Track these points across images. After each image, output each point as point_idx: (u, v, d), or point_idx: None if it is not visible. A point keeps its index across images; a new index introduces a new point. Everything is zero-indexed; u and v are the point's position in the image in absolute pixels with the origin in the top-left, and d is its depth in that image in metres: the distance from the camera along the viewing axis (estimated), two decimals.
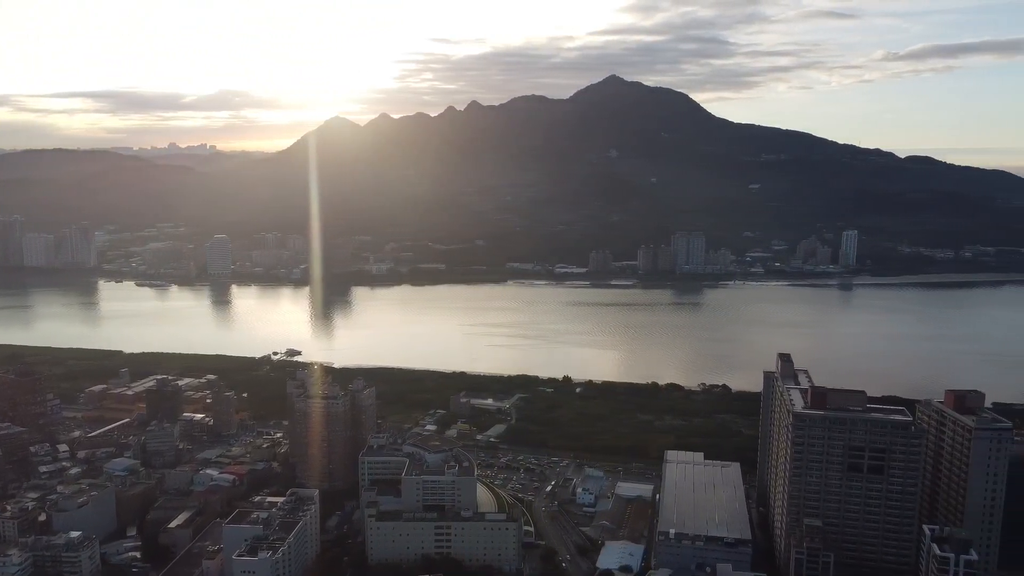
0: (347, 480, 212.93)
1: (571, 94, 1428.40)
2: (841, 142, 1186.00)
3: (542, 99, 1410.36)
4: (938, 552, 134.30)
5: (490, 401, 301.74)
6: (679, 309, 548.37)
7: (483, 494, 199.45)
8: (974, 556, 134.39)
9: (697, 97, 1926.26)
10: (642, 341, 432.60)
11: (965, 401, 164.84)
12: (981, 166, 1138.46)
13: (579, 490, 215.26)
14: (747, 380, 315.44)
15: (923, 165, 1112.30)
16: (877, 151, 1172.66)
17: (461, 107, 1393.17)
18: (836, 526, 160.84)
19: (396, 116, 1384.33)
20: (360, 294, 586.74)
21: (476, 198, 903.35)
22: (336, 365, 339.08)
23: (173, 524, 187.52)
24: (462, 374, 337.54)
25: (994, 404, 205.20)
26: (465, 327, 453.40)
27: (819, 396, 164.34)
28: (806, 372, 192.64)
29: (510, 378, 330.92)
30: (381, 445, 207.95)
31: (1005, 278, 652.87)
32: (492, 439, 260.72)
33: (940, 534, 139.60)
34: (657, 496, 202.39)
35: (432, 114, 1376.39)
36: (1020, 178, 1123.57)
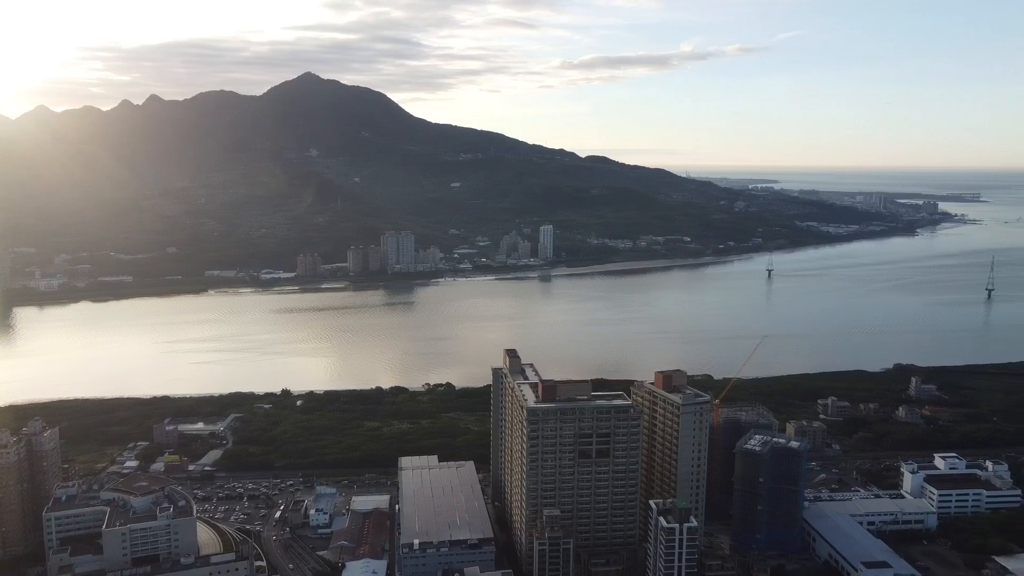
0: (28, 543, 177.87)
1: (265, 91, 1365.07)
2: (531, 143, 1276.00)
3: (232, 95, 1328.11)
4: (665, 524, 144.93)
5: (201, 425, 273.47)
6: (394, 309, 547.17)
7: (204, 533, 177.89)
8: (694, 523, 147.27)
9: (394, 97, 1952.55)
10: (360, 345, 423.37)
11: (672, 380, 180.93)
12: (647, 165, 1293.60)
13: (312, 511, 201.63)
14: (470, 376, 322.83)
15: (601, 164, 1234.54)
16: (562, 151, 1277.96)
17: (139, 101, 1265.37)
18: (571, 512, 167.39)
19: (58, 110, 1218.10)
20: (26, 316, 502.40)
21: (164, 201, 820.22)
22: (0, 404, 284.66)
23: None
24: (164, 398, 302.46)
25: (688, 379, 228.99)
26: (162, 345, 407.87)
27: (549, 389, 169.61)
28: (532, 366, 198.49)
29: (222, 397, 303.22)
30: (71, 496, 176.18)
31: (672, 264, 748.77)
32: (207, 468, 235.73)
33: (664, 507, 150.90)
34: (396, 506, 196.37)
35: (104, 108, 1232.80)
36: (678, 176, 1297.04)
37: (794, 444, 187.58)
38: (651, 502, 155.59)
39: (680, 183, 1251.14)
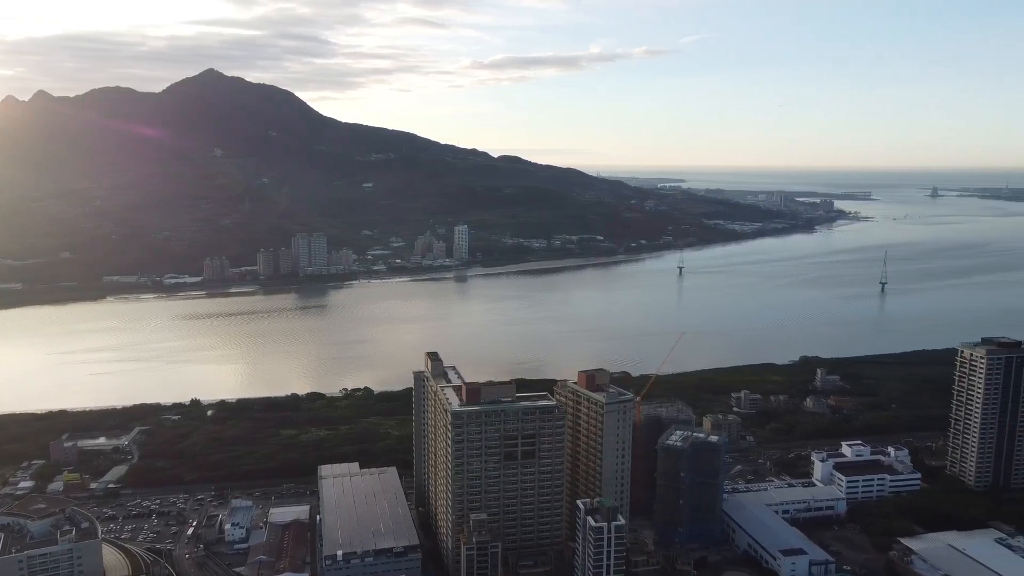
0: None
1: (164, 88, 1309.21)
2: (443, 142, 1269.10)
3: (129, 92, 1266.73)
4: (593, 523, 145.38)
5: (103, 440, 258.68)
6: (307, 313, 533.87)
7: (111, 556, 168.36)
8: (622, 521, 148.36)
9: (303, 96, 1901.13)
10: (273, 350, 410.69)
11: (595, 380, 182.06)
12: (559, 164, 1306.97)
13: (227, 526, 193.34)
14: (389, 379, 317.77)
15: (513, 164, 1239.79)
16: (474, 151, 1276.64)
17: (24, 97, 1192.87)
18: (498, 515, 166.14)
19: None
20: None
21: (57, 203, 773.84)
22: None
23: None
24: (61, 412, 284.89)
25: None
26: (57, 355, 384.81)
27: (473, 392, 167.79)
28: (454, 368, 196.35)
29: (125, 409, 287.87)
30: None
31: (586, 262, 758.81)
32: (112, 485, 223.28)
33: (592, 506, 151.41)
34: (317, 516, 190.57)
35: None
36: (589, 175, 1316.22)
37: (713, 439, 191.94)
38: (579, 502, 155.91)
39: (592, 182, 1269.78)
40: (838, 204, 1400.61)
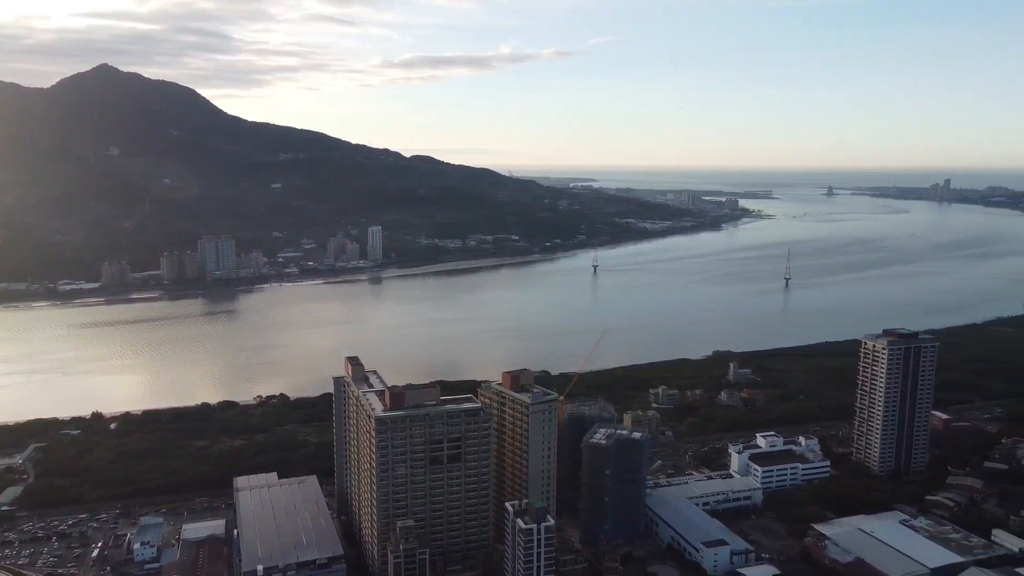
0: None
1: (53, 83, 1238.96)
2: (354, 142, 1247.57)
3: (13, 87, 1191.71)
4: (523, 525, 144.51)
5: None
6: (215, 319, 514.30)
7: None
8: (551, 522, 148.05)
9: (205, 93, 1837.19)
10: (180, 359, 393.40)
11: (519, 380, 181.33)
12: (472, 164, 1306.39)
13: (136, 545, 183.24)
14: (305, 385, 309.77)
15: (426, 164, 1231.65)
16: (386, 151, 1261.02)
17: None
18: (424, 521, 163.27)
19: None
20: None
21: None
22: None
23: None
24: None
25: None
26: None
27: (397, 396, 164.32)
28: (376, 372, 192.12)
29: (19, 426, 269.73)
30: None
31: (501, 262, 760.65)
32: (6, 507, 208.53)
33: (521, 508, 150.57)
34: (234, 531, 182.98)
35: None
36: (502, 175, 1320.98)
37: (636, 435, 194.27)
38: (507, 504, 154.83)
39: (505, 182, 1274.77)
40: (742, 203, 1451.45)
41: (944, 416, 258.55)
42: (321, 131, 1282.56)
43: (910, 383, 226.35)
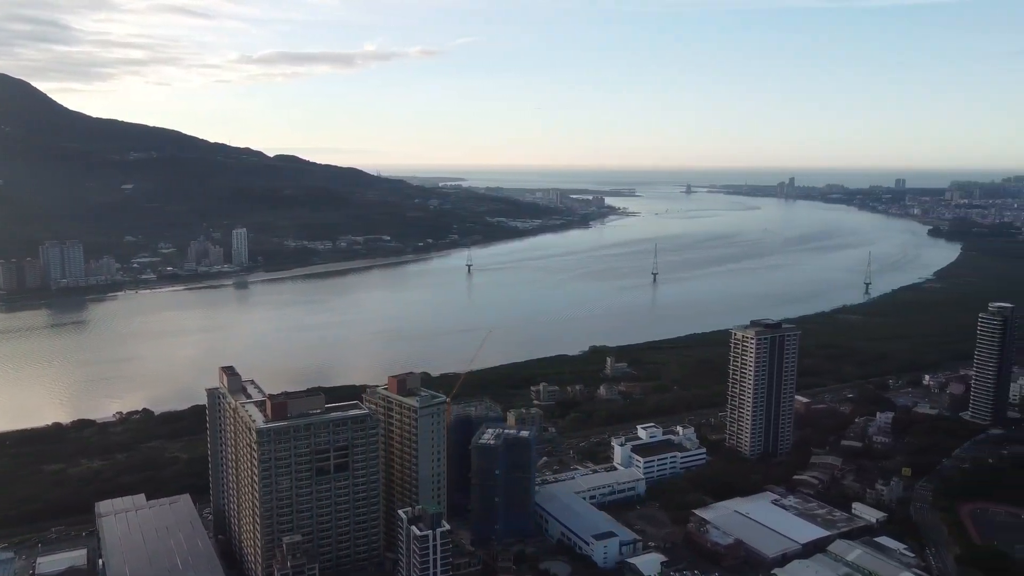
0: None
1: None
2: (212, 140, 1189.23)
3: None
4: (418, 532, 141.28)
5: None
6: (62, 331, 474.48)
7: None
8: (447, 527, 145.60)
9: (40, 86, 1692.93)
10: (25, 376, 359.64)
11: (406, 384, 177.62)
12: (339, 164, 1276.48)
13: None
14: (170, 399, 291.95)
15: (291, 163, 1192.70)
16: (247, 150, 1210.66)
17: None
18: (312, 535, 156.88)
19: None
20: None
21: None
22: None
23: None
24: None
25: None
26: None
27: (279, 407, 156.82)
28: (253, 382, 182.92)
29: None
30: None
31: (373, 263, 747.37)
32: None
33: (414, 515, 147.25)
34: (99, 560, 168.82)
35: None
36: (371, 175, 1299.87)
37: (524, 433, 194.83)
38: (400, 512, 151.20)
39: (374, 182, 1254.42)
40: (608, 201, 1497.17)
41: (805, 400, 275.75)
42: (175, 129, 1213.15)
43: (776, 370, 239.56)
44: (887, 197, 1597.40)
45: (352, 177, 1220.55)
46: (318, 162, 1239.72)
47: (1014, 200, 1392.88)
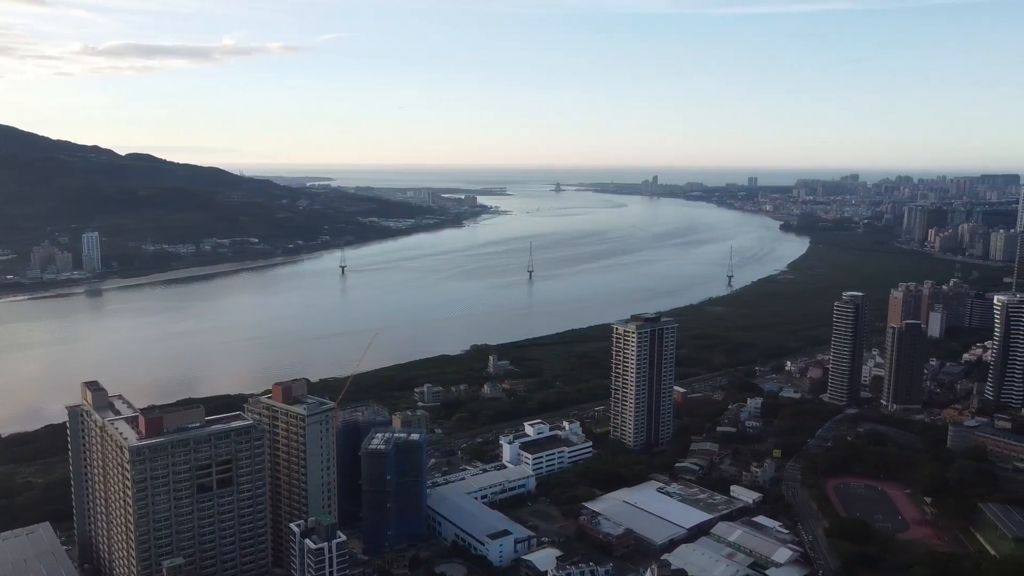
0: None
1: None
2: (54, 138, 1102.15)
3: None
4: (312, 546, 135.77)
5: None
6: None
7: None
8: (342, 537, 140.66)
9: None
10: None
11: (291, 391, 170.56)
12: (200, 164, 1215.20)
13: None
14: (18, 420, 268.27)
15: (146, 163, 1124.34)
16: (96, 148, 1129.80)
17: None
18: (194, 556, 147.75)
19: None
20: None
21: None
22: None
23: None
24: None
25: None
26: None
27: (154, 422, 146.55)
28: (121, 397, 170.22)
29: None
30: None
31: (241, 266, 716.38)
32: None
33: (307, 527, 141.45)
34: None
35: None
36: (234, 175, 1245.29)
37: (415, 436, 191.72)
38: (292, 525, 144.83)
39: (238, 182, 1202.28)
40: (480, 199, 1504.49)
41: (681, 390, 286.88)
42: (10, 124, 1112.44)
43: (656, 362, 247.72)
44: (742, 194, 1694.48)
45: (214, 177, 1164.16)
46: (176, 161, 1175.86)
47: (851, 196, 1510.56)
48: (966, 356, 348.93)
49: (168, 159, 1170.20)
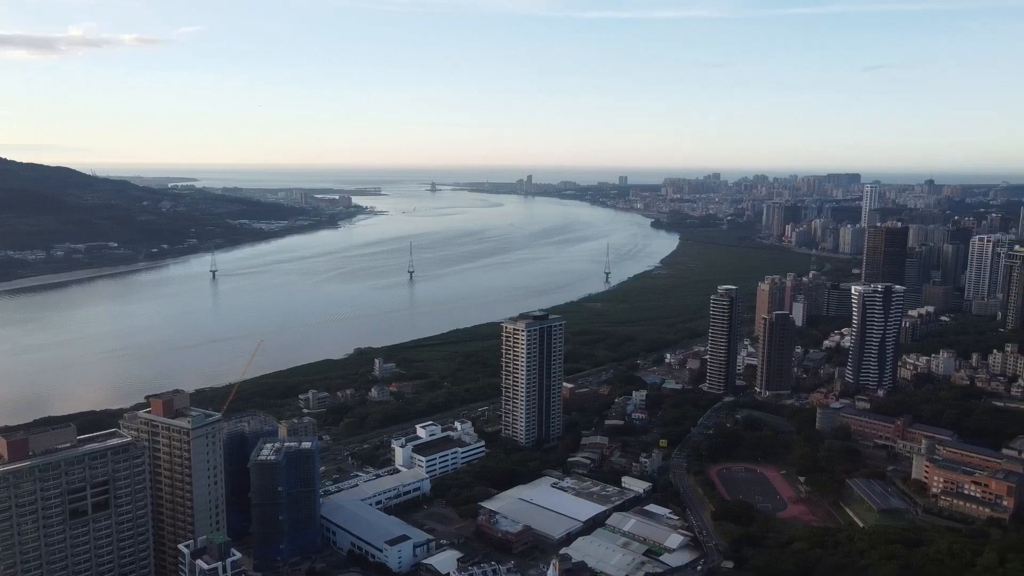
0: None
1: None
2: None
3: None
4: (205, 567, 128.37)
5: None
6: None
7: None
8: (237, 555, 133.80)
9: None
10: None
11: (172, 404, 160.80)
12: (45, 163, 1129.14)
13: None
14: None
15: None
16: None
17: None
18: None
19: None
20: None
21: None
22: None
23: None
24: None
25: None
26: None
27: (19, 444, 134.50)
28: None
29: None
30: None
31: (99, 273, 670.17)
32: None
33: (198, 547, 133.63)
34: None
35: None
36: (86, 175, 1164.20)
37: (307, 445, 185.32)
38: (180, 546, 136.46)
39: (91, 183, 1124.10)
40: (355, 200, 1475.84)
41: (569, 385, 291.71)
42: None
43: (545, 359, 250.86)
44: (614, 193, 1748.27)
45: (63, 178, 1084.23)
46: (19, 160, 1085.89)
47: (715, 195, 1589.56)
48: (826, 343, 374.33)
49: (8, 158, 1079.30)
